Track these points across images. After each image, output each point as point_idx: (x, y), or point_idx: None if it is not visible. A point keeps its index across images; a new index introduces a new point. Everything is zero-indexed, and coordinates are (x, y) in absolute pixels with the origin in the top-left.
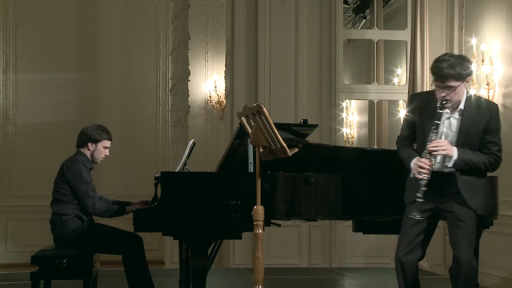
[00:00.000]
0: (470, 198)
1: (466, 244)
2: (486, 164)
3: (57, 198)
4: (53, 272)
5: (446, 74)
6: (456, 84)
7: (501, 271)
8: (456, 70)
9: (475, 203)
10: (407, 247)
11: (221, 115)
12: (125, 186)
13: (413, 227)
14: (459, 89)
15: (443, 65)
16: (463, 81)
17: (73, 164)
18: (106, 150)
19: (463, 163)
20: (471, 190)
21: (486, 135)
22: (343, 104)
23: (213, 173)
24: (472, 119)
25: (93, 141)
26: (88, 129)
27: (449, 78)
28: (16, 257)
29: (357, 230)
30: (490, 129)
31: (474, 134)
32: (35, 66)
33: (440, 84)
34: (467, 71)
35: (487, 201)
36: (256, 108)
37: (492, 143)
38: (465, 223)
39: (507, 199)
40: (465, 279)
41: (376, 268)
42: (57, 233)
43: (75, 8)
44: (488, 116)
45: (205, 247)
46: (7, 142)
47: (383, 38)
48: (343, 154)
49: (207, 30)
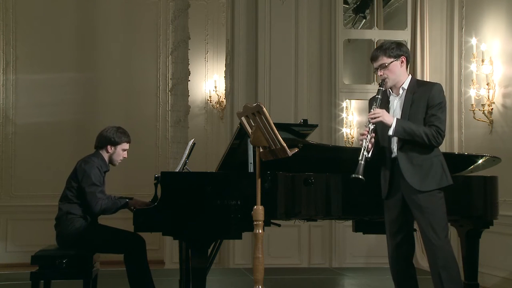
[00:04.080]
0: (406, 172)
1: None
2: (428, 135)
3: (67, 196)
4: (53, 272)
5: (375, 54)
6: (387, 61)
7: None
8: (383, 48)
9: (410, 177)
10: (395, 242)
11: (221, 115)
12: (125, 186)
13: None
14: (394, 67)
15: (374, 50)
16: (394, 58)
17: (87, 166)
18: (124, 152)
19: (402, 130)
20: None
21: (429, 109)
22: (343, 104)
23: (213, 173)
24: (414, 97)
25: (113, 143)
26: (108, 131)
27: (378, 56)
28: (16, 257)
29: (357, 230)
30: (432, 103)
31: (417, 110)
32: (35, 66)
33: (374, 65)
34: (397, 50)
35: (425, 177)
36: (256, 108)
37: (434, 115)
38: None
39: (507, 199)
40: (443, 266)
41: (376, 268)
42: (60, 230)
43: (75, 8)
44: (430, 92)
45: (205, 247)
46: (7, 142)
47: (383, 38)
48: (343, 154)
49: (207, 30)
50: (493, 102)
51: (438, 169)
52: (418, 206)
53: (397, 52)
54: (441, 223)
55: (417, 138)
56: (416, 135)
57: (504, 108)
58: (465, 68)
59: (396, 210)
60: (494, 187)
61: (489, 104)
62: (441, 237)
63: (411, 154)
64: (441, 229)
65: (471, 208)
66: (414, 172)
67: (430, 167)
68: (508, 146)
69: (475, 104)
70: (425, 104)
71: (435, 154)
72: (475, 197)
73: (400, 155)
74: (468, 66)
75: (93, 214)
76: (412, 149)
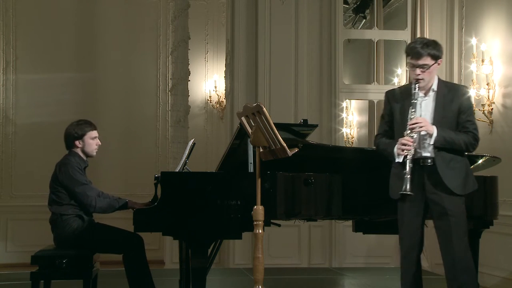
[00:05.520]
0: (447, 176)
1: (458, 237)
2: (466, 143)
3: (55, 199)
4: (53, 272)
5: (422, 52)
6: (430, 63)
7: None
8: (430, 48)
9: (452, 182)
10: (410, 243)
11: (221, 115)
12: (125, 186)
13: (411, 221)
14: (433, 70)
15: (418, 45)
16: (436, 61)
17: (65, 167)
18: (95, 140)
19: (443, 140)
20: (450, 169)
21: (462, 114)
22: (343, 104)
23: (213, 173)
24: (446, 100)
25: (78, 137)
26: (69, 129)
27: (425, 55)
28: (16, 257)
29: (357, 230)
30: (465, 108)
31: (449, 114)
32: (35, 66)
33: (415, 63)
34: (439, 52)
35: (465, 181)
36: (256, 108)
37: (469, 121)
38: (453, 216)
39: (507, 199)
40: (462, 273)
41: (376, 268)
42: (57, 233)
43: (75, 8)
44: (461, 96)
45: (205, 247)
46: (7, 142)
47: (383, 38)
48: (343, 154)
49: (207, 30)
50: (493, 102)
51: (469, 172)
52: (444, 209)
53: (439, 54)
54: (464, 228)
55: (455, 146)
56: (455, 144)
57: (504, 108)
58: (465, 68)
59: (414, 211)
60: (494, 187)
61: (489, 104)
62: (464, 240)
63: (446, 156)
64: (463, 235)
65: (471, 208)
66: (454, 175)
67: (465, 170)
68: (508, 146)
69: (475, 104)
70: (457, 108)
71: (464, 157)
72: (475, 197)
73: (437, 159)
74: (468, 66)
75: (89, 212)
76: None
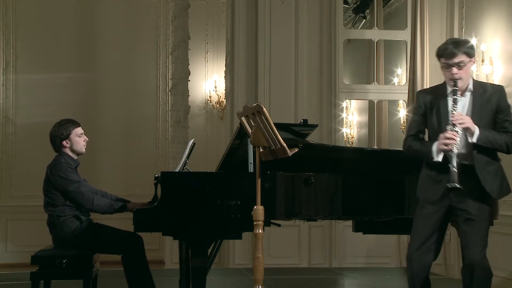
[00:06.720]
0: (485, 179)
1: (479, 243)
2: (508, 143)
3: (50, 202)
4: (53, 272)
5: (456, 51)
6: (466, 60)
7: (501, 271)
8: (463, 45)
9: (490, 184)
10: (422, 244)
11: (221, 115)
12: (125, 186)
13: (428, 219)
14: (469, 68)
15: (449, 45)
16: (471, 58)
17: (55, 168)
18: (82, 136)
19: (485, 139)
20: (487, 172)
21: (500, 114)
22: (343, 104)
23: (213, 173)
24: (482, 99)
25: (64, 137)
26: (53, 131)
27: (459, 53)
28: (16, 257)
29: (357, 230)
30: (503, 108)
31: (487, 113)
32: (35, 66)
33: (450, 62)
34: (473, 50)
35: (502, 185)
36: (256, 108)
37: (508, 121)
38: (478, 222)
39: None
40: (478, 282)
41: (376, 268)
42: (56, 234)
43: (75, 8)
44: (498, 95)
45: (205, 247)
46: (7, 142)
47: (383, 38)
48: (343, 154)
49: (207, 30)
50: None
51: (504, 175)
52: (469, 215)
53: (473, 52)
54: (486, 236)
55: (497, 146)
56: (497, 144)
57: None
58: None
59: (438, 214)
60: None
61: None
62: (483, 251)
63: (483, 159)
64: (484, 244)
65: None
66: (491, 178)
67: (500, 173)
68: None
69: None
70: (494, 108)
71: (498, 160)
72: None
73: (476, 160)
74: None
75: (86, 211)
76: (486, 154)
